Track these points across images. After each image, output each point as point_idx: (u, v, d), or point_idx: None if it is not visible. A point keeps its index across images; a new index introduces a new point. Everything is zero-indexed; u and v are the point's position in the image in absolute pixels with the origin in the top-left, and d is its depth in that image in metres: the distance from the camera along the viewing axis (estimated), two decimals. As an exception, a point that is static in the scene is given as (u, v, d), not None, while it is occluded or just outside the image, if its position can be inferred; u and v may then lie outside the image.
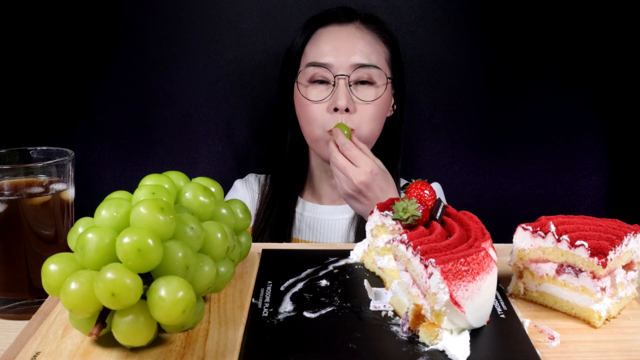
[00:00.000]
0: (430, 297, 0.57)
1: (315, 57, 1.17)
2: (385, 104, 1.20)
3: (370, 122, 1.16)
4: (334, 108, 1.14)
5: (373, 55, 1.17)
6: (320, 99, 1.16)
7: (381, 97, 1.17)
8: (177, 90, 1.40)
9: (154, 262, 0.54)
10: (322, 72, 1.16)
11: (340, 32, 1.18)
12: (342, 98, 1.13)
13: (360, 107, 1.16)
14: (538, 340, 0.60)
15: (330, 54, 1.16)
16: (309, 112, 1.17)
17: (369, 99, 1.16)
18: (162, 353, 0.57)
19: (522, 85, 1.40)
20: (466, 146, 1.43)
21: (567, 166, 1.43)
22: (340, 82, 1.14)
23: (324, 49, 1.17)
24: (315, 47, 1.18)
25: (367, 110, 1.16)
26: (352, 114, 1.15)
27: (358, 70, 1.15)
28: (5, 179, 0.71)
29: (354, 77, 1.15)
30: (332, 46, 1.17)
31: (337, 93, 1.14)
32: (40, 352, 0.57)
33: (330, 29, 1.19)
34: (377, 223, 0.71)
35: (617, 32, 1.37)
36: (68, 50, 1.37)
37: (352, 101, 1.15)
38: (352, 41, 1.17)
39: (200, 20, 1.37)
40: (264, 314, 0.62)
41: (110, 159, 1.42)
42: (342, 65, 1.15)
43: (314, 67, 1.16)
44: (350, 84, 1.15)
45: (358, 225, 1.22)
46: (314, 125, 1.17)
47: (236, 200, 0.71)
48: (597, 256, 0.61)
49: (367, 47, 1.17)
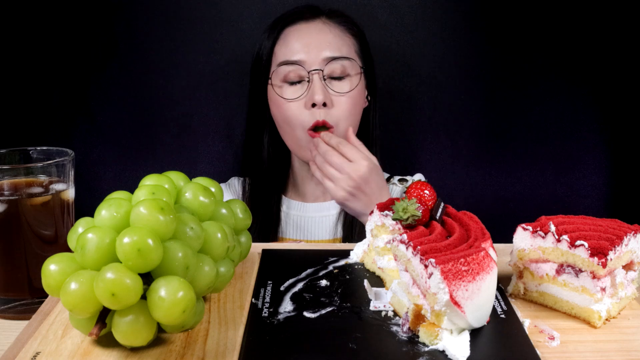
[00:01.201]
0: (430, 297, 0.57)
1: (286, 55, 1.17)
2: (360, 96, 1.20)
3: (349, 115, 1.16)
4: (311, 104, 1.14)
5: (344, 48, 1.18)
6: (297, 96, 1.15)
7: (356, 88, 1.17)
8: (177, 90, 1.40)
9: (154, 262, 0.54)
10: (295, 70, 1.16)
11: (308, 28, 1.19)
12: (319, 92, 1.13)
13: (337, 100, 1.16)
14: (538, 340, 0.60)
15: (302, 51, 1.16)
16: (287, 111, 1.16)
17: (345, 91, 1.16)
18: (162, 353, 0.57)
19: (522, 85, 1.40)
20: (466, 146, 1.43)
21: (567, 166, 1.43)
22: (315, 77, 1.14)
23: (294, 46, 1.17)
24: (285, 46, 1.18)
25: (344, 104, 1.16)
26: (330, 108, 1.15)
27: (330, 63, 1.15)
28: (5, 179, 0.71)
29: (328, 71, 1.15)
30: (302, 43, 1.17)
31: (312, 88, 1.14)
32: (40, 352, 0.57)
33: (297, 27, 1.19)
34: (377, 223, 0.71)
35: (617, 32, 1.37)
36: (68, 51, 1.37)
37: (328, 95, 1.15)
38: (321, 36, 1.17)
39: (200, 20, 1.37)
40: (264, 314, 0.62)
41: (110, 159, 1.42)
42: (314, 60, 1.15)
43: (286, 66, 1.16)
44: (325, 78, 1.15)
45: (345, 221, 1.22)
46: (293, 125, 1.16)
47: (236, 200, 0.71)
48: (597, 256, 0.61)
49: (337, 40, 1.18)
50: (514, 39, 1.38)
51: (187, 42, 1.38)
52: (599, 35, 1.37)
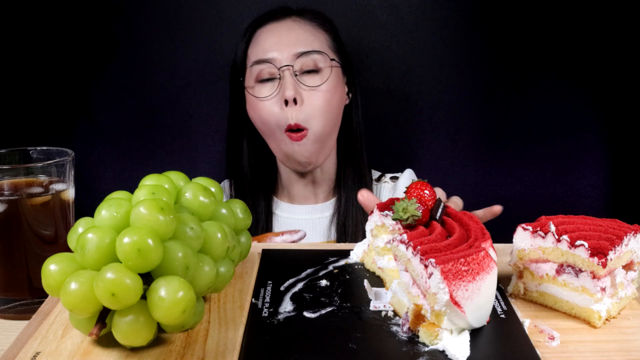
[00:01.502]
0: (430, 297, 0.57)
1: (258, 55, 1.17)
2: (335, 91, 1.18)
3: (323, 111, 1.15)
4: (284, 100, 1.14)
5: (314, 42, 1.18)
6: (269, 94, 1.15)
7: (328, 81, 1.16)
8: (177, 90, 1.40)
9: (154, 262, 0.54)
10: (267, 69, 1.16)
11: (279, 27, 1.19)
12: (290, 88, 1.13)
13: (309, 95, 1.15)
14: (538, 340, 0.60)
15: (272, 49, 1.16)
16: (261, 110, 1.16)
17: (316, 85, 1.15)
18: (162, 353, 0.57)
19: (522, 85, 1.40)
20: (466, 146, 1.43)
21: (567, 166, 1.43)
22: (286, 74, 1.14)
23: (265, 45, 1.17)
24: (256, 47, 1.19)
25: (317, 100, 1.15)
26: (302, 105, 1.14)
27: (301, 58, 1.15)
28: (5, 179, 0.71)
29: (298, 67, 1.15)
30: (272, 41, 1.17)
31: (284, 84, 1.14)
32: (40, 352, 0.57)
33: (268, 27, 1.20)
34: (377, 223, 0.71)
35: (617, 32, 1.37)
36: (68, 51, 1.37)
37: (300, 91, 1.14)
38: (291, 33, 1.18)
39: (200, 20, 1.37)
40: (264, 314, 0.62)
41: (110, 159, 1.42)
42: (285, 57, 1.15)
43: (258, 65, 1.16)
44: (296, 73, 1.15)
45: (337, 224, 1.22)
46: (270, 125, 1.16)
47: (236, 200, 0.71)
48: (597, 256, 0.61)
49: (307, 36, 1.18)
50: (514, 39, 1.38)
51: (187, 42, 1.38)
52: (599, 35, 1.37)
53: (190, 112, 1.41)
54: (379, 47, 1.38)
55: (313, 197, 1.26)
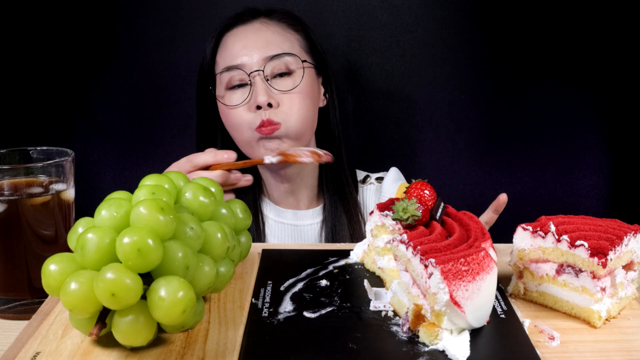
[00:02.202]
0: (430, 297, 0.57)
1: (226, 61, 1.13)
2: (309, 92, 1.15)
3: (298, 111, 1.11)
4: (256, 106, 1.10)
5: (285, 44, 1.14)
6: (240, 102, 1.12)
7: (301, 84, 1.12)
8: (177, 90, 1.40)
9: (154, 262, 0.54)
10: (237, 75, 1.12)
11: (246, 30, 1.15)
12: (262, 93, 1.09)
13: (282, 99, 1.11)
14: (538, 340, 0.60)
15: (241, 54, 1.12)
16: (233, 117, 1.13)
17: (289, 88, 1.11)
18: (162, 353, 0.57)
19: (522, 85, 1.40)
20: (466, 146, 1.43)
21: (567, 166, 1.43)
22: (257, 79, 1.10)
23: (233, 50, 1.13)
24: (224, 52, 1.15)
25: (291, 102, 1.11)
26: (276, 108, 1.10)
27: (272, 61, 1.11)
28: (5, 179, 0.71)
29: (269, 71, 1.11)
30: (240, 46, 1.13)
31: (255, 90, 1.10)
32: (40, 352, 0.57)
33: (235, 31, 1.16)
34: (377, 223, 0.71)
35: (617, 32, 1.37)
36: (68, 51, 1.37)
37: (273, 95, 1.11)
38: (259, 36, 1.14)
39: (200, 20, 1.37)
40: (264, 314, 0.62)
41: (110, 159, 1.42)
42: (255, 62, 1.11)
43: (227, 72, 1.13)
44: (267, 78, 1.11)
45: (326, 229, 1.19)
46: (241, 129, 1.12)
47: (236, 200, 0.71)
48: (597, 256, 0.61)
49: (277, 37, 1.14)
50: (514, 39, 1.38)
51: (187, 42, 1.38)
52: (599, 35, 1.37)
53: (190, 112, 1.41)
54: (379, 47, 1.38)
55: (296, 203, 1.22)
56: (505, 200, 0.96)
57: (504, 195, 0.96)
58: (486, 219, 0.98)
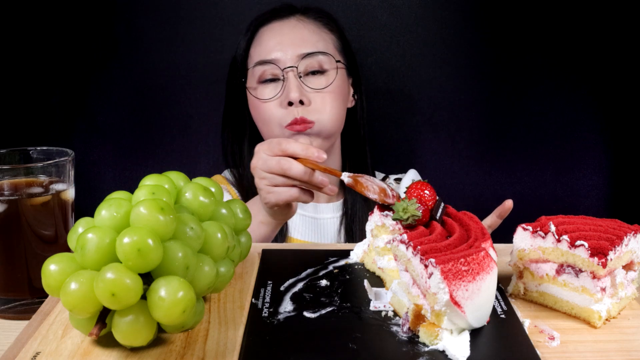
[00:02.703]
0: (430, 297, 0.57)
1: (261, 55, 1.15)
2: (340, 92, 1.16)
3: (330, 110, 1.13)
4: (287, 102, 1.11)
5: (319, 43, 1.15)
6: (272, 96, 1.13)
7: (333, 83, 1.14)
8: (177, 90, 1.40)
9: (154, 262, 0.54)
10: (270, 70, 1.13)
11: (282, 26, 1.17)
12: (294, 90, 1.11)
13: (314, 97, 1.12)
14: (538, 340, 0.60)
15: (276, 49, 1.13)
16: (264, 111, 1.14)
17: (321, 87, 1.13)
18: (162, 353, 0.57)
19: (522, 85, 1.40)
20: (466, 146, 1.43)
21: (567, 166, 1.43)
22: (290, 75, 1.12)
23: (268, 45, 1.15)
24: (259, 46, 1.16)
25: (322, 100, 1.13)
26: (308, 106, 1.12)
27: (305, 59, 1.12)
28: (5, 179, 0.71)
29: (303, 68, 1.13)
30: (276, 41, 1.14)
31: (287, 86, 1.11)
32: (40, 352, 0.57)
33: (271, 26, 1.17)
34: (377, 223, 0.71)
35: (617, 32, 1.37)
36: (68, 51, 1.37)
37: (305, 92, 1.12)
38: (295, 32, 1.15)
39: (200, 20, 1.37)
40: (264, 314, 0.62)
41: (110, 159, 1.42)
42: (289, 58, 1.12)
43: (261, 66, 1.14)
44: (300, 75, 1.12)
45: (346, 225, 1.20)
46: (271, 125, 1.14)
47: (236, 200, 0.71)
48: (597, 256, 0.61)
49: (312, 36, 1.15)
50: (514, 39, 1.38)
51: (187, 42, 1.38)
52: (598, 35, 1.37)
53: (190, 112, 1.41)
54: (379, 47, 1.38)
55: (316, 196, 1.24)
56: (510, 207, 0.96)
57: (510, 202, 0.96)
58: (489, 223, 0.98)
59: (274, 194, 0.90)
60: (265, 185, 0.90)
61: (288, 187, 0.89)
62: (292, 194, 0.90)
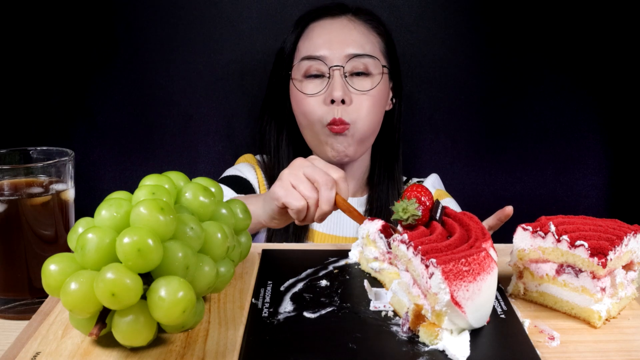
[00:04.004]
0: (431, 297, 0.57)
1: (309, 50, 1.17)
2: (382, 96, 1.18)
3: (368, 114, 1.15)
4: (330, 100, 1.13)
5: (367, 45, 1.17)
6: (316, 92, 1.15)
7: (377, 87, 1.16)
8: (177, 90, 1.40)
9: (154, 262, 0.54)
10: (316, 65, 1.15)
11: (333, 24, 1.18)
12: (338, 89, 1.13)
13: (356, 98, 1.15)
14: (538, 340, 0.60)
15: (324, 46, 1.15)
16: (306, 105, 1.16)
17: (365, 89, 1.15)
18: (162, 353, 0.57)
19: (521, 85, 1.40)
20: (466, 146, 1.43)
21: (567, 166, 1.43)
22: (336, 74, 1.14)
23: (317, 41, 1.17)
24: (308, 41, 1.18)
25: (363, 102, 1.15)
26: (349, 106, 1.14)
27: (353, 60, 1.14)
28: (5, 179, 0.71)
29: (349, 68, 1.15)
30: (325, 39, 1.16)
31: (332, 84, 1.13)
32: (40, 352, 0.57)
33: (322, 23, 1.19)
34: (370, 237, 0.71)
35: (617, 33, 1.37)
36: (68, 51, 1.37)
37: (348, 92, 1.14)
38: (345, 32, 1.17)
39: (200, 20, 1.37)
40: (264, 314, 0.62)
41: (110, 159, 1.42)
42: (336, 56, 1.14)
43: (308, 61, 1.16)
44: (346, 75, 1.14)
45: None
46: (312, 119, 1.16)
47: (236, 200, 0.71)
48: (597, 256, 0.61)
49: (361, 37, 1.17)
50: (515, 39, 1.38)
51: (187, 42, 1.38)
52: (598, 36, 1.37)
53: (190, 112, 1.41)
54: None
55: None
56: (510, 214, 0.96)
57: (510, 208, 0.96)
58: (491, 224, 0.99)
59: (289, 192, 0.86)
60: (290, 180, 0.86)
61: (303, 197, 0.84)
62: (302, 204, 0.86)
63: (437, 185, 1.28)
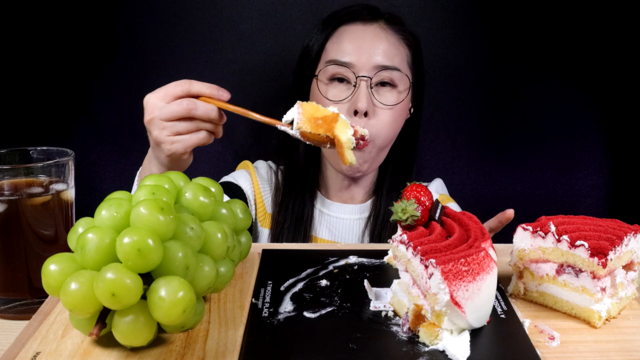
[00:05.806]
0: (430, 297, 0.57)
1: (337, 55, 1.14)
2: (404, 109, 1.17)
3: (389, 128, 1.13)
4: (353, 111, 1.10)
5: (396, 58, 1.14)
6: (340, 99, 1.12)
7: (402, 103, 1.14)
8: (177, 90, 1.40)
9: (154, 262, 0.54)
10: (343, 71, 1.12)
11: (365, 31, 1.15)
12: (363, 100, 1.10)
13: (380, 111, 1.12)
14: (538, 340, 0.60)
15: (353, 53, 1.12)
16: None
17: (390, 104, 1.12)
18: (162, 353, 0.57)
19: (522, 85, 1.40)
20: (466, 146, 1.43)
21: (567, 166, 1.43)
22: (362, 84, 1.11)
23: (347, 47, 1.14)
24: (337, 44, 1.15)
25: (386, 116, 1.12)
26: (371, 118, 1.11)
27: (380, 72, 1.12)
28: (5, 179, 0.71)
29: (376, 79, 1.12)
30: (355, 45, 1.13)
31: (358, 95, 1.11)
32: (40, 352, 0.57)
33: (353, 28, 1.16)
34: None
35: (617, 32, 1.37)
36: (68, 50, 1.37)
37: (373, 104, 1.11)
38: (375, 41, 1.14)
39: (200, 20, 1.37)
40: (264, 314, 0.62)
41: (110, 159, 1.42)
42: (364, 65, 1.11)
43: (335, 66, 1.13)
44: (372, 85, 1.12)
45: (373, 226, 1.20)
46: None
47: (236, 200, 0.71)
48: (597, 256, 0.61)
49: (391, 49, 1.14)
50: (515, 39, 1.38)
51: (187, 42, 1.38)
52: (599, 36, 1.37)
53: (190, 112, 1.41)
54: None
55: (350, 198, 1.23)
56: (511, 217, 0.96)
57: (511, 211, 0.95)
58: (492, 226, 0.98)
59: (181, 142, 0.85)
60: (167, 136, 0.86)
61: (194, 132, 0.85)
62: (201, 137, 0.85)
63: (441, 190, 1.28)
